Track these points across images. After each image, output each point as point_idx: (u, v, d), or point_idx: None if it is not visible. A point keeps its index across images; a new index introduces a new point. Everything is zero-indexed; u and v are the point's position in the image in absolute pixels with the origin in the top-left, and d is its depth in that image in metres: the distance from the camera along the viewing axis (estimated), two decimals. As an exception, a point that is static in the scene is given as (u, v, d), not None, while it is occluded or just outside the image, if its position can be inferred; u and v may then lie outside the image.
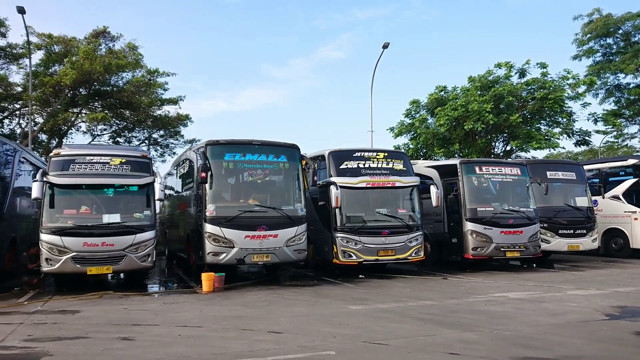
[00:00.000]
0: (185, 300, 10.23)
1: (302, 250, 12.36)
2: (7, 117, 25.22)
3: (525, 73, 26.24)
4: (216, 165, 12.05)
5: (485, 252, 14.14)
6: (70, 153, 11.73)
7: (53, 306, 9.54)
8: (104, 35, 25.16)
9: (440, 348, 6.40)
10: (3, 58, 23.40)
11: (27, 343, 6.71)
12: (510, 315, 8.49)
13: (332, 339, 6.86)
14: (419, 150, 28.65)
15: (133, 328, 7.61)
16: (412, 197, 13.76)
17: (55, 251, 10.68)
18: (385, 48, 25.53)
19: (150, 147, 27.88)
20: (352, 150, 13.88)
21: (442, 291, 11.16)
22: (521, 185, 15.29)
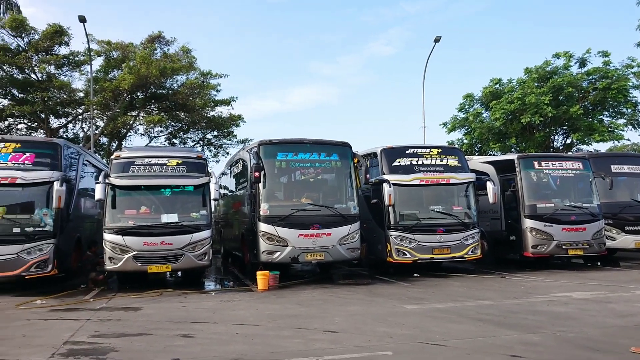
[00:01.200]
0: (241, 298, 10.40)
1: (356, 248, 12.31)
2: (70, 122, 26.44)
3: (586, 62, 25.13)
4: (269, 165, 12.17)
5: (546, 250, 13.63)
6: (130, 155, 12.16)
7: (117, 303, 9.92)
8: (159, 39, 25.95)
9: (500, 350, 6.20)
10: (67, 66, 24.53)
11: (94, 339, 7.00)
12: (574, 316, 8.14)
13: (388, 339, 6.79)
14: (473, 145, 28.00)
15: (192, 325, 7.79)
16: (468, 194, 13.45)
17: (118, 250, 11.11)
18: (436, 42, 25.04)
19: (205, 147, 28.50)
20: (405, 147, 13.70)
21: (500, 291, 10.84)
22: (583, 180, 14.63)
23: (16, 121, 24.92)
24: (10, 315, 8.86)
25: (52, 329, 7.71)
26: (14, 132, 24.44)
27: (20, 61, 22.29)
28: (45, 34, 22.97)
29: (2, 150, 11.39)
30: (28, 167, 11.30)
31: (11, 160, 11.32)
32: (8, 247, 10.72)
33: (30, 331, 7.52)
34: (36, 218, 11.23)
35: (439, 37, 24.86)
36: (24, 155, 11.42)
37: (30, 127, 25.36)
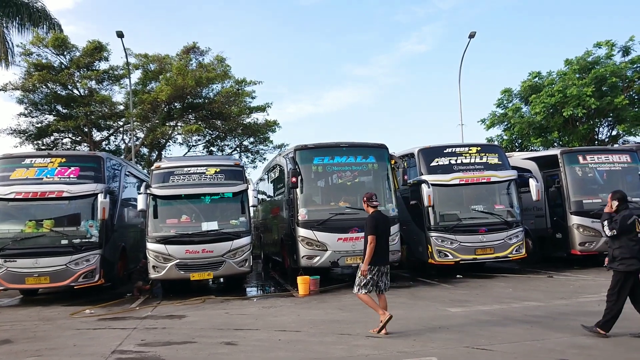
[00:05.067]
0: (283, 304, 10.43)
1: (396, 251, 12.15)
2: (112, 134, 27.22)
3: (630, 51, 24.11)
4: (306, 170, 12.18)
5: (595, 247, 13.14)
6: (170, 165, 12.41)
7: (161, 311, 10.11)
8: (194, 50, 26.45)
9: (550, 354, 5.98)
10: (107, 80, 25.30)
11: (140, 347, 7.13)
12: (627, 317, 7.73)
13: (432, 344, 6.66)
14: (513, 141, 27.30)
15: (235, 333, 7.85)
16: (510, 192, 13.12)
17: (161, 259, 11.33)
18: (471, 37, 24.56)
19: (242, 154, 28.85)
20: (443, 146, 13.48)
21: (548, 291, 10.50)
22: (632, 173, 14.05)
23: (61, 136, 25.87)
24: (62, 324, 9.14)
25: (101, 337, 7.91)
26: (59, 147, 25.35)
27: (63, 78, 23.12)
28: (86, 51, 23.77)
29: (48, 165, 11.82)
30: (73, 181, 11.67)
31: (57, 174, 11.72)
32: (57, 259, 11.10)
33: (81, 340, 7.73)
34: (82, 230, 11.59)
35: (474, 32, 24.38)
36: (69, 169, 11.81)
37: (74, 141, 26.24)
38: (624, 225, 6.65)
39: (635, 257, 6.60)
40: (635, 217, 6.70)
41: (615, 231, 6.69)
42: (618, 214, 6.79)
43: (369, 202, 7.71)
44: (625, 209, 6.84)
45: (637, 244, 6.66)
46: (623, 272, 6.66)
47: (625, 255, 6.64)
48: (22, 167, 11.77)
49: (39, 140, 25.14)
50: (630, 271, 6.64)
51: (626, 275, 6.68)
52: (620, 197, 6.93)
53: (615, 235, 6.72)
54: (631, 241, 6.65)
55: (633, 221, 6.66)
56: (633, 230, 6.65)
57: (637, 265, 6.62)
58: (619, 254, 6.70)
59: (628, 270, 6.64)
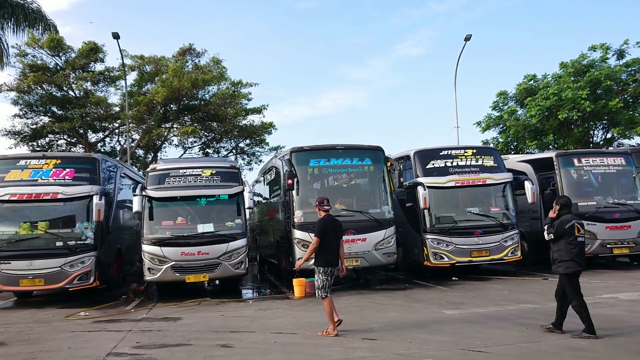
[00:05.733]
0: (279, 306, 10.41)
1: (392, 253, 12.18)
2: (107, 136, 27.13)
3: (624, 54, 24.27)
4: (302, 172, 12.18)
5: (590, 249, 13.13)
6: (165, 167, 12.39)
7: (157, 313, 10.08)
8: (190, 52, 26.39)
9: (546, 356, 6.01)
10: (102, 81, 25.22)
11: (136, 350, 7.11)
12: (622, 319, 7.84)
13: (428, 346, 6.67)
14: (509, 144, 27.40)
15: (231, 335, 7.83)
16: (505, 194, 13.16)
17: (156, 261, 11.30)
18: (467, 40, 24.68)
19: (238, 156, 28.80)
20: (439, 148, 13.50)
21: (543, 293, 10.52)
22: (626, 176, 14.13)
23: (56, 137, 25.74)
24: (56, 327, 9.10)
25: (96, 340, 7.87)
26: (54, 148, 25.23)
27: (59, 79, 23.02)
28: (81, 52, 23.68)
29: (43, 167, 11.76)
30: (68, 182, 11.62)
31: (52, 176, 11.67)
32: (52, 261, 11.05)
33: (76, 343, 7.70)
34: (77, 232, 11.54)
35: (470, 35, 24.50)
36: (64, 171, 11.76)
37: (69, 142, 26.13)
38: (561, 230, 6.94)
39: (573, 260, 6.89)
40: (575, 222, 6.98)
41: (552, 235, 7.02)
42: (558, 219, 7.08)
43: (321, 207, 7.94)
44: (567, 213, 7.12)
45: (575, 247, 6.92)
46: (562, 274, 6.98)
47: (564, 258, 6.96)
48: (17, 168, 11.71)
49: (34, 141, 25.01)
50: (568, 273, 6.93)
51: (566, 277, 6.98)
52: (563, 203, 7.24)
53: (554, 239, 7.03)
54: (570, 244, 6.91)
55: (572, 225, 6.95)
56: (572, 234, 6.90)
57: (575, 267, 6.93)
58: (558, 256, 7.04)
59: (566, 273, 6.93)
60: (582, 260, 7.04)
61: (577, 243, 6.93)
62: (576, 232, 6.93)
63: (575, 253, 6.91)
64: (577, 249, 6.95)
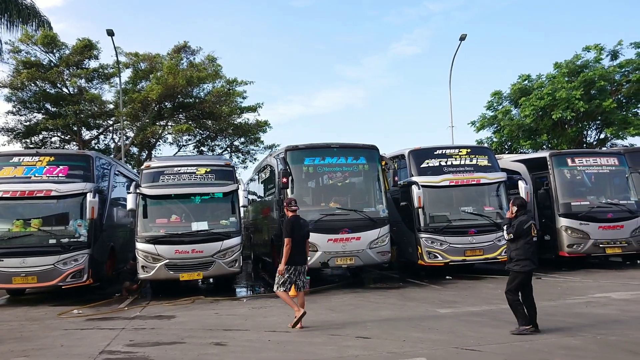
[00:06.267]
0: (273, 304, 10.40)
1: (386, 252, 12.19)
2: (102, 133, 27.02)
3: (618, 55, 24.45)
4: (296, 170, 12.17)
5: (582, 249, 13.26)
6: (159, 165, 12.34)
7: (150, 311, 10.05)
8: (185, 49, 26.32)
9: (539, 355, 6.03)
10: (97, 79, 25.10)
11: (129, 348, 7.09)
12: (615, 318, 7.88)
13: (422, 344, 6.68)
14: (503, 143, 27.51)
15: (225, 333, 7.82)
16: (499, 194, 13.20)
17: (150, 259, 11.26)
18: (462, 40, 24.75)
19: (232, 154, 28.76)
20: (433, 148, 13.54)
21: (536, 292, 10.35)
22: (619, 176, 14.20)
23: (50, 134, 25.64)
24: (49, 324, 9.06)
25: (89, 338, 7.85)
26: (48, 145, 25.12)
27: (53, 76, 22.89)
28: (76, 49, 23.56)
29: (37, 164, 11.71)
30: (62, 180, 11.57)
31: (46, 173, 11.61)
32: (45, 259, 11.00)
33: (69, 341, 7.67)
34: (71, 229, 11.49)
35: (465, 35, 24.57)
36: (58, 168, 11.70)
37: (63, 139, 26.02)
38: (520, 230, 7.15)
39: (529, 259, 7.15)
40: (532, 222, 7.26)
41: (512, 235, 7.22)
42: (516, 219, 7.29)
43: (288, 207, 8.22)
44: (523, 214, 7.36)
45: (531, 246, 7.20)
46: (518, 272, 7.19)
47: (520, 257, 7.16)
48: (10, 165, 11.65)
49: (27, 138, 24.89)
50: (524, 271, 7.16)
51: (520, 275, 7.21)
52: (520, 204, 7.45)
53: (513, 239, 7.24)
54: (527, 244, 7.17)
55: (529, 226, 7.19)
56: (529, 234, 7.17)
57: (530, 266, 7.18)
58: (515, 255, 7.23)
59: (522, 271, 7.16)
60: (536, 259, 7.36)
61: (532, 243, 7.24)
62: (532, 232, 7.21)
63: (531, 252, 7.20)
64: (533, 248, 7.25)
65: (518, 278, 7.22)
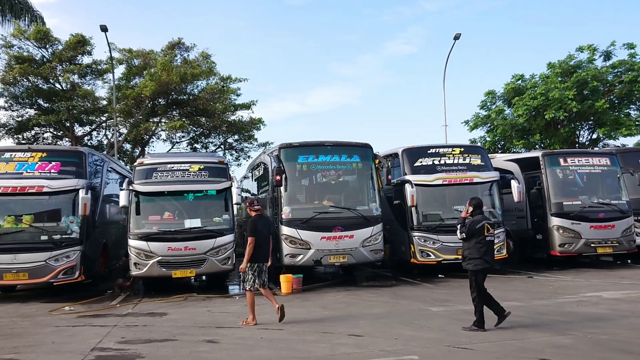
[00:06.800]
0: (265, 302, 10.34)
1: (379, 250, 12.21)
2: (95, 130, 26.88)
3: (611, 55, 24.61)
4: (290, 168, 12.17)
5: (574, 248, 13.34)
6: (153, 162, 12.29)
7: (143, 309, 10.02)
8: (179, 46, 26.21)
9: (530, 353, 6.06)
10: (90, 74, 24.96)
11: (121, 345, 7.07)
12: (605, 317, 7.94)
13: (414, 342, 6.70)
14: (496, 143, 27.62)
15: (217, 330, 7.82)
16: (492, 193, 13.24)
17: (143, 256, 11.22)
18: (456, 39, 24.78)
19: (226, 151, 28.68)
20: (427, 146, 13.57)
21: (528, 291, 10.64)
22: (611, 176, 14.28)
23: (42, 130, 25.48)
24: (40, 321, 9.01)
25: (81, 335, 7.81)
26: (40, 141, 24.95)
27: (45, 72, 22.74)
28: (69, 44, 23.40)
29: (29, 160, 11.61)
30: (54, 176, 11.48)
31: (38, 169, 11.53)
32: (36, 255, 10.90)
33: (60, 337, 7.63)
34: (63, 225, 11.41)
35: (459, 34, 24.58)
36: (50, 164, 11.61)
37: (55, 135, 25.87)
38: (472, 229, 7.32)
39: (481, 258, 7.31)
40: (485, 222, 7.39)
41: (464, 234, 7.37)
42: (470, 219, 7.45)
43: (251, 207, 8.50)
44: (479, 214, 7.53)
45: (484, 246, 7.34)
46: (471, 270, 7.34)
47: (473, 256, 7.34)
48: (2, 161, 11.54)
49: (19, 134, 24.72)
50: (477, 270, 7.31)
51: (475, 274, 7.39)
52: (475, 204, 7.64)
53: (465, 238, 7.39)
54: (479, 243, 7.32)
55: (482, 225, 7.34)
56: (482, 234, 7.31)
57: (482, 264, 7.33)
58: (467, 254, 7.43)
59: (475, 270, 7.31)
60: (490, 258, 7.45)
61: (485, 242, 7.35)
62: (485, 232, 7.33)
63: (483, 251, 7.32)
64: (486, 247, 7.35)
65: (474, 276, 7.37)
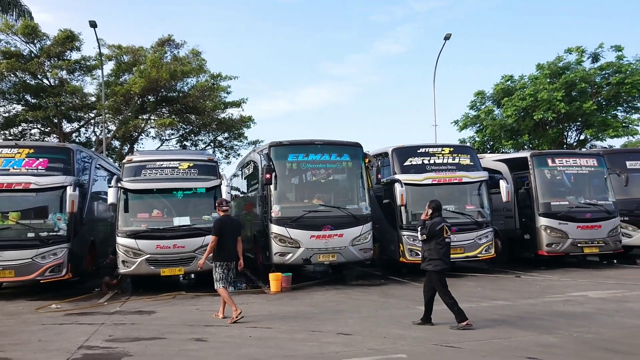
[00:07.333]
0: (254, 300, 10.39)
1: (368, 249, 12.24)
2: (83, 126, 26.68)
3: (599, 57, 24.85)
4: (280, 166, 12.15)
5: (561, 248, 13.46)
6: (142, 159, 12.22)
7: (130, 307, 9.96)
8: (169, 43, 26.11)
9: (517, 352, 6.12)
10: (78, 70, 24.76)
11: (108, 343, 7.02)
12: (591, 317, 8.02)
13: (402, 341, 6.73)
14: (485, 143, 27.80)
15: (205, 329, 7.79)
16: (481, 193, 13.32)
17: (131, 254, 11.15)
18: (446, 39, 24.92)
19: (216, 149, 28.63)
20: (416, 146, 13.61)
21: (515, 290, 10.72)
22: (598, 177, 14.42)
23: (29, 126, 25.26)
24: (26, 319, 8.93)
25: (67, 333, 7.75)
26: (27, 137, 24.73)
27: (33, 67, 22.53)
28: (57, 40, 23.21)
29: (15, 156, 11.51)
30: (41, 173, 11.39)
31: (25, 165, 11.42)
32: (23, 252, 10.81)
33: (46, 335, 7.57)
34: (50, 223, 11.31)
35: (449, 34, 24.74)
36: (37, 161, 11.52)
37: (43, 132, 25.64)
38: (433, 231, 7.50)
39: (440, 259, 7.51)
40: (444, 224, 7.57)
41: (425, 236, 7.58)
42: (430, 221, 7.61)
43: (219, 207, 8.82)
44: (438, 216, 7.69)
45: (443, 247, 7.54)
46: (430, 271, 7.50)
47: (433, 257, 7.53)
48: (-12, 157, 11.42)
49: (6, 130, 24.48)
50: (436, 270, 7.47)
51: (433, 275, 7.55)
52: (435, 206, 7.81)
53: (426, 240, 7.60)
54: (439, 245, 7.51)
55: (442, 227, 7.53)
56: (441, 236, 7.50)
57: (442, 265, 7.52)
58: (427, 255, 7.61)
59: (435, 270, 7.46)
60: (449, 259, 7.66)
61: (445, 244, 7.53)
62: (444, 233, 7.50)
63: (443, 252, 7.50)
64: (445, 249, 7.54)
65: (435, 277, 7.50)
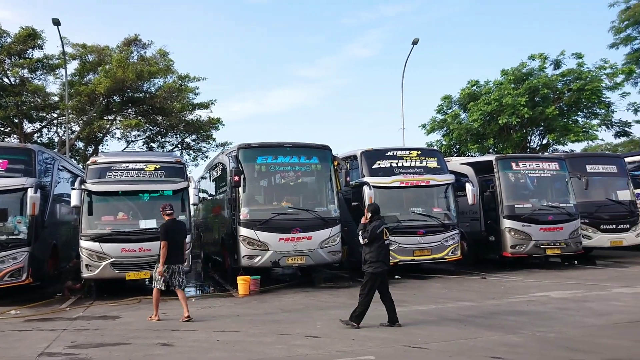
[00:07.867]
0: (222, 304, 10.29)
1: (337, 251, 12.27)
2: (45, 127, 25.96)
3: (560, 64, 25.59)
4: (249, 169, 12.08)
5: (525, 249, 13.77)
6: (107, 161, 11.96)
7: (94, 312, 9.73)
8: (136, 42, 25.67)
9: (482, 352, 6.22)
10: (41, 69, 24.09)
11: (70, 350, 6.84)
12: (553, 316, 8.23)
13: (370, 343, 6.77)
14: (452, 146, 28.25)
15: (172, 333, 7.67)
16: (447, 195, 13.53)
17: (95, 257, 10.91)
18: (414, 44, 25.26)
19: (183, 151, 28.28)
20: (385, 149, 13.73)
21: (481, 291, 10.92)
22: (560, 180, 14.82)
23: (-12, 126, 24.41)
24: (-17, 326, 8.61)
25: (27, 340, 7.51)
26: (-14, 138, 23.89)
27: (-8, 65, 21.81)
28: (18, 37, 22.54)
29: (-27, 157, 11.09)
30: (1, 174, 11.03)
31: (-17, 167, 11.03)
32: (-20, 256, 10.42)
33: (4, 343, 7.33)
34: (10, 226, 10.94)
35: (417, 39, 25.08)
36: (-3, 162, 11.13)
37: (3, 132, 24.84)
38: (374, 234, 7.65)
39: (381, 261, 7.67)
40: (384, 227, 7.76)
41: (367, 239, 7.71)
42: (370, 224, 7.77)
43: (164, 211, 8.84)
44: (377, 219, 7.83)
45: (384, 249, 7.73)
46: (371, 273, 7.64)
47: (373, 259, 7.65)
48: (-56, 158, 10.99)
49: (-37, 130, 23.63)
50: (377, 272, 7.63)
51: (374, 276, 7.68)
52: (373, 210, 7.96)
53: (367, 243, 7.73)
54: (380, 247, 7.68)
55: (382, 230, 7.69)
56: (382, 238, 7.68)
57: (382, 267, 7.69)
58: (369, 258, 7.71)
59: (375, 272, 7.64)
60: (388, 261, 7.87)
61: (385, 246, 7.73)
62: (384, 236, 7.68)
63: (383, 255, 7.71)
64: (385, 251, 7.73)
65: (371, 280, 7.64)
